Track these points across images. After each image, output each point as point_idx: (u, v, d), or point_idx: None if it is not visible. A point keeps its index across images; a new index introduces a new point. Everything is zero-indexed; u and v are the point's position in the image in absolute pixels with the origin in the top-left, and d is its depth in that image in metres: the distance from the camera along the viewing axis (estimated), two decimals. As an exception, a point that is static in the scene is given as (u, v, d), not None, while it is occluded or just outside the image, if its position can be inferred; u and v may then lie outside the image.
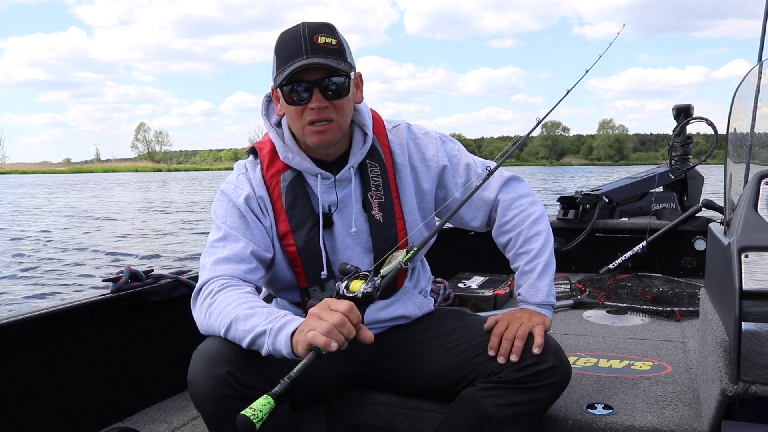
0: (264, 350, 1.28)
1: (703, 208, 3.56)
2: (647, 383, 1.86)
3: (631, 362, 2.07)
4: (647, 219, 3.64)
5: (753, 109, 1.68)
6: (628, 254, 3.44)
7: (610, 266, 3.48)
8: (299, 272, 1.60)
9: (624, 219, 3.76)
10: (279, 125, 1.62)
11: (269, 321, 1.27)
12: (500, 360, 1.48)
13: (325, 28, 1.46)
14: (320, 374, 1.52)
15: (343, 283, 1.27)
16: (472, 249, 3.51)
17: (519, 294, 1.65)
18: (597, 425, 1.60)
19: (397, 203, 1.63)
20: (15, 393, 1.67)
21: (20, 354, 1.69)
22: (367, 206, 1.61)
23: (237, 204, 1.55)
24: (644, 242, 3.44)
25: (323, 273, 1.57)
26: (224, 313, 1.34)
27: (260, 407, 1.06)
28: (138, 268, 2.08)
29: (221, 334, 1.35)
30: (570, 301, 2.92)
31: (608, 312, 2.78)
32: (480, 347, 1.54)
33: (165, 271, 2.18)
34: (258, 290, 1.58)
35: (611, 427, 1.59)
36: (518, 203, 1.68)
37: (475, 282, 3.15)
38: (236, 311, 1.32)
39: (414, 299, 1.73)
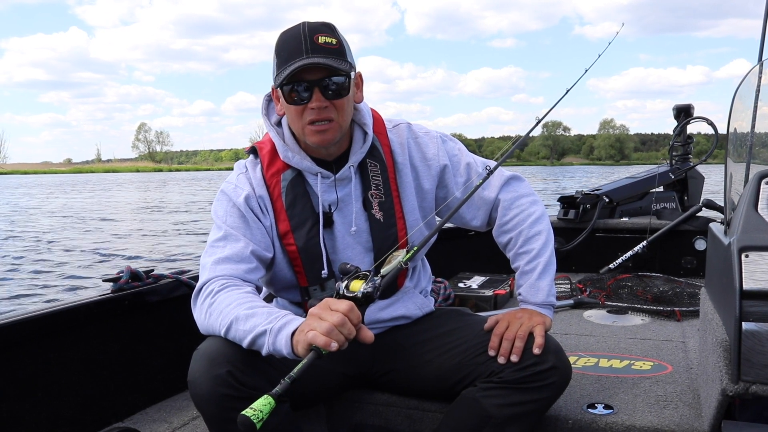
0: (264, 350, 1.28)
1: (704, 208, 3.56)
2: (647, 383, 1.86)
3: (632, 362, 2.07)
4: (647, 219, 3.64)
5: (753, 109, 1.68)
6: (629, 254, 3.44)
7: (611, 266, 3.48)
8: (299, 272, 1.60)
9: (624, 219, 3.76)
10: (279, 125, 1.62)
11: (269, 321, 1.27)
12: (500, 360, 1.48)
13: (326, 28, 1.46)
14: (320, 374, 1.52)
15: (343, 283, 1.27)
16: (473, 249, 3.51)
17: (519, 294, 1.65)
18: (597, 425, 1.60)
19: (398, 202, 1.63)
20: (15, 393, 1.67)
21: (21, 354, 1.70)
22: (368, 205, 1.61)
23: (237, 204, 1.55)
24: (644, 242, 3.44)
25: (323, 272, 1.57)
26: (224, 313, 1.34)
27: (260, 407, 1.06)
28: (138, 268, 2.08)
29: (221, 334, 1.35)
30: (570, 301, 2.92)
31: (609, 312, 2.78)
32: (480, 347, 1.54)
33: (165, 271, 2.18)
34: (258, 290, 1.58)
35: (611, 427, 1.59)
36: (519, 203, 1.68)
37: (476, 282, 3.15)
38: (236, 311, 1.32)
39: (414, 299, 1.73)
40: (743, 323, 1.25)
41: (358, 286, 1.25)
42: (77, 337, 1.84)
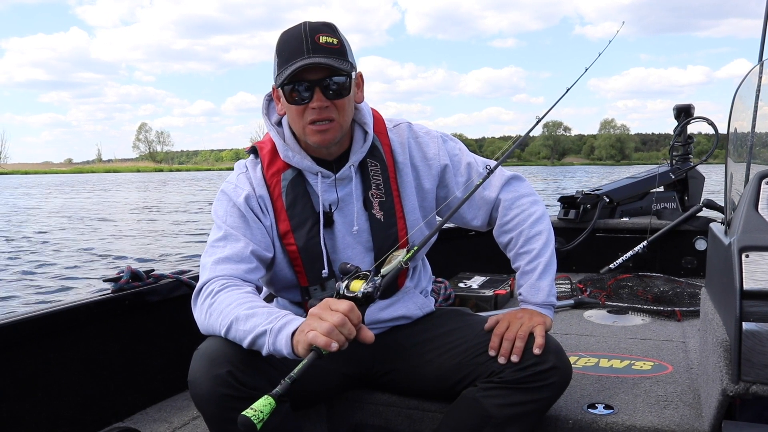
0: (264, 350, 1.28)
1: (704, 208, 3.56)
2: (648, 383, 1.86)
3: (632, 362, 2.07)
4: (648, 219, 3.64)
5: (754, 109, 1.68)
6: (629, 254, 3.44)
7: (611, 266, 3.48)
8: (300, 271, 1.60)
9: (625, 219, 3.76)
10: (280, 124, 1.62)
11: (270, 321, 1.27)
12: (501, 360, 1.48)
13: (327, 28, 1.46)
14: (321, 374, 1.52)
15: (344, 283, 1.26)
16: (473, 249, 3.51)
17: (520, 294, 1.65)
18: (598, 425, 1.60)
19: (398, 202, 1.63)
20: (16, 393, 1.67)
21: (21, 354, 1.70)
22: (368, 205, 1.61)
23: (237, 203, 1.55)
24: (645, 242, 3.44)
25: (324, 272, 1.57)
26: (225, 313, 1.34)
27: (261, 408, 1.06)
28: (139, 268, 2.08)
29: (222, 334, 1.35)
30: (571, 301, 2.92)
31: (609, 312, 2.78)
32: (481, 347, 1.54)
33: (166, 271, 2.18)
34: (259, 290, 1.58)
35: (612, 427, 1.59)
36: (519, 203, 1.68)
37: (476, 282, 3.15)
38: (237, 311, 1.32)
39: (415, 299, 1.72)
40: (744, 323, 1.25)
41: (359, 286, 1.24)
42: (77, 337, 1.84)
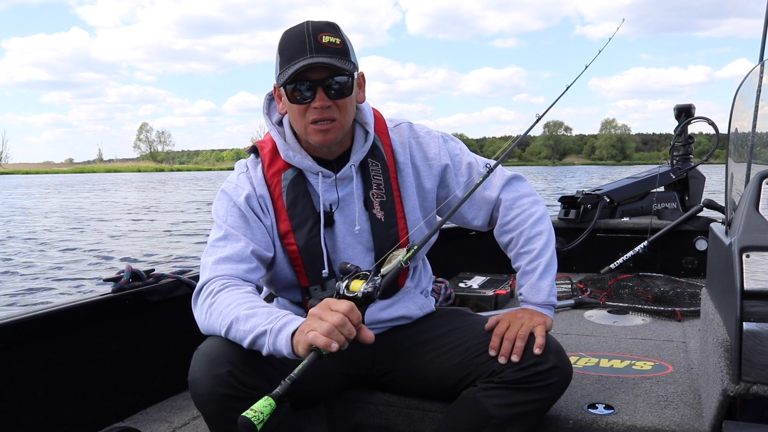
0: (265, 350, 1.27)
1: (705, 208, 3.56)
2: (648, 383, 1.85)
3: (633, 362, 2.07)
4: (648, 219, 3.64)
5: (754, 109, 1.68)
6: (630, 254, 3.44)
7: (612, 266, 3.47)
8: (300, 271, 1.60)
9: (625, 219, 3.76)
10: (280, 124, 1.62)
11: (270, 321, 1.27)
12: (501, 360, 1.47)
13: (330, 28, 1.46)
14: (321, 374, 1.52)
15: (344, 283, 1.26)
16: (474, 249, 3.50)
17: (520, 294, 1.65)
18: (598, 425, 1.60)
19: (399, 202, 1.63)
20: (16, 393, 1.67)
21: (21, 354, 1.70)
22: (369, 205, 1.61)
23: (237, 203, 1.55)
24: (645, 242, 3.44)
25: (324, 272, 1.57)
26: (225, 313, 1.34)
27: (261, 409, 1.06)
28: (139, 268, 2.08)
29: (222, 334, 1.35)
30: (571, 301, 2.92)
31: (609, 312, 2.78)
32: (481, 347, 1.53)
33: (166, 271, 2.18)
34: (259, 290, 1.58)
35: (612, 427, 1.59)
36: (520, 203, 1.68)
37: (477, 282, 3.15)
38: (237, 311, 1.32)
39: (415, 299, 1.72)
40: (744, 323, 1.25)
41: (359, 286, 1.24)
42: (77, 337, 1.84)
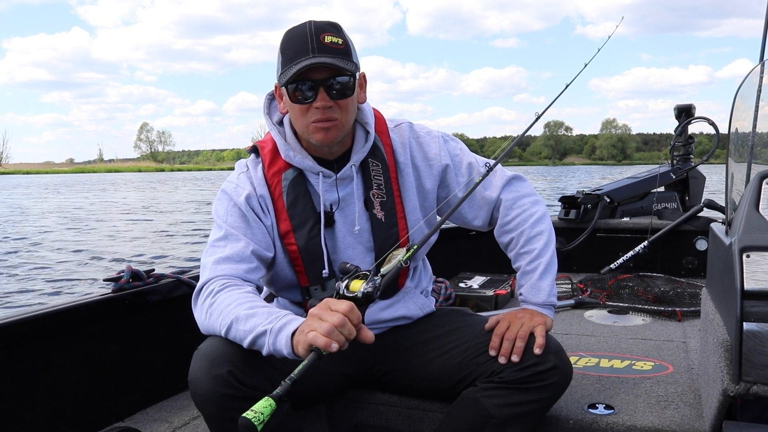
0: (265, 350, 1.27)
1: (705, 208, 3.56)
2: (648, 383, 1.85)
3: (633, 362, 2.07)
4: (649, 219, 3.64)
5: (755, 109, 1.68)
6: (630, 254, 3.44)
7: (612, 266, 3.47)
8: (300, 271, 1.59)
9: (625, 219, 3.76)
10: (281, 124, 1.62)
11: (270, 321, 1.27)
12: (501, 360, 1.47)
13: (332, 28, 1.46)
14: (321, 374, 1.52)
15: (343, 283, 1.26)
16: (474, 249, 3.50)
17: (520, 294, 1.65)
18: (598, 425, 1.60)
19: (399, 202, 1.63)
20: (16, 393, 1.67)
21: (21, 354, 1.70)
22: (369, 205, 1.61)
23: (238, 203, 1.55)
24: (646, 242, 3.44)
25: (324, 272, 1.57)
26: (225, 313, 1.34)
27: (261, 409, 1.06)
28: (139, 268, 2.08)
29: (222, 334, 1.35)
30: (571, 301, 2.92)
31: (609, 312, 2.78)
32: (481, 347, 1.53)
33: (166, 271, 2.18)
34: (259, 290, 1.58)
35: (612, 427, 1.59)
36: (520, 203, 1.68)
37: (477, 282, 3.15)
38: (237, 311, 1.32)
39: (415, 299, 1.72)
40: (744, 323, 1.25)
41: (359, 286, 1.24)
42: (77, 337, 1.84)
